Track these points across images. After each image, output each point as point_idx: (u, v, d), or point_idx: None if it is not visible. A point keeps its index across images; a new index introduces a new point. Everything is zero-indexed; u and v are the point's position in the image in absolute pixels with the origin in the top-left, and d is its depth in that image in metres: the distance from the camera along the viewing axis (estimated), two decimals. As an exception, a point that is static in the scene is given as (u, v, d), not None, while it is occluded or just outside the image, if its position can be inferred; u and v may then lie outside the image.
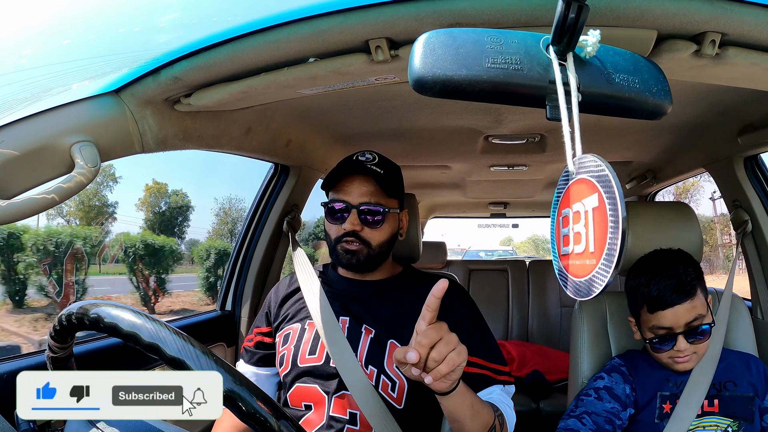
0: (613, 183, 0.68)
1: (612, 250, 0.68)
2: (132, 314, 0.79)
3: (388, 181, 1.54)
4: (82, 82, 1.16)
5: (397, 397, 1.44)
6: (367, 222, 1.53)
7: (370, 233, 1.54)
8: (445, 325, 1.07)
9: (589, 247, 0.73)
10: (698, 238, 1.84)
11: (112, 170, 27.82)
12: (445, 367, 1.03)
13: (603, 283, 0.70)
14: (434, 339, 1.03)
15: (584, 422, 1.56)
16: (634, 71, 0.81)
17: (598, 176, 0.71)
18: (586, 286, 0.74)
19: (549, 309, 4.25)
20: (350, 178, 1.55)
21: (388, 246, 1.59)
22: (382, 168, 1.55)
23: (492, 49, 0.74)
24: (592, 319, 1.87)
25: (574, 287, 0.77)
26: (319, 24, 1.00)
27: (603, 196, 0.70)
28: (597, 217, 0.71)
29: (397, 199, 1.60)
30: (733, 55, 1.02)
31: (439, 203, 5.26)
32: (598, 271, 0.71)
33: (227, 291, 2.38)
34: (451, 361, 1.04)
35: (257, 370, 1.69)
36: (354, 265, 1.55)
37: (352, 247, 1.53)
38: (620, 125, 2.08)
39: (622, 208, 0.66)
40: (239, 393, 0.74)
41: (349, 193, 1.53)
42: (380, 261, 1.59)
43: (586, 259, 0.74)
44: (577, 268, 0.77)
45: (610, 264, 0.68)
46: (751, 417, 1.57)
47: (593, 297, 0.71)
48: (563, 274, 0.82)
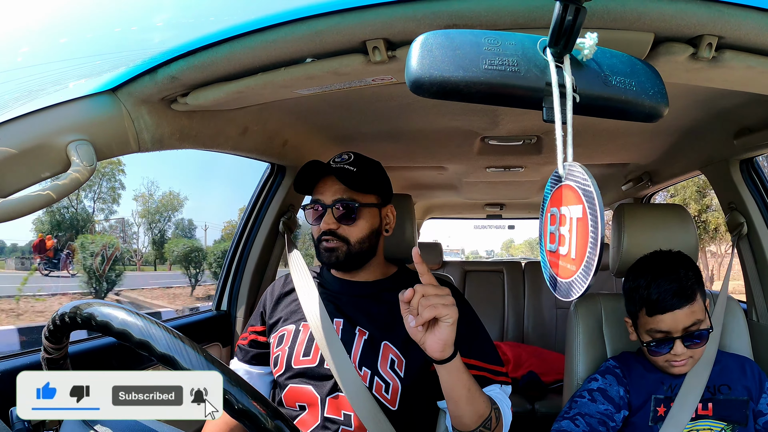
0: (595, 199, 0.69)
1: (590, 263, 0.70)
2: (124, 312, 0.80)
3: (361, 176, 1.55)
4: (79, 81, 1.15)
5: (391, 398, 1.45)
6: (342, 219, 1.54)
7: (347, 230, 1.55)
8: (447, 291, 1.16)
9: (571, 252, 0.75)
10: (694, 240, 1.84)
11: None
12: (428, 312, 1.12)
13: (580, 290, 0.72)
14: (429, 290, 1.14)
15: (577, 423, 1.57)
16: (631, 74, 0.81)
17: (583, 189, 0.72)
18: (566, 288, 0.76)
19: (544, 310, 4.26)
20: (323, 179, 1.58)
21: (369, 242, 1.59)
22: (356, 166, 1.56)
23: (489, 51, 0.74)
24: (587, 320, 1.87)
25: (556, 285, 0.80)
26: (316, 24, 1.00)
27: (587, 210, 0.71)
28: (580, 227, 0.73)
29: (376, 194, 1.61)
30: (730, 59, 1.02)
31: (436, 204, 5.26)
32: (577, 278, 0.73)
33: (223, 291, 2.38)
34: (436, 309, 1.13)
35: (250, 368, 1.69)
36: (335, 263, 1.56)
37: (331, 245, 1.54)
38: (617, 127, 2.08)
39: (601, 224, 0.68)
40: (230, 390, 0.74)
41: (322, 193, 1.56)
42: (364, 258, 1.59)
43: (568, 263, 0.76)
44: (560, 268, 0.78)
45: (588, 274, 0.70)
46: (745, 420, 1.57)
47: (570, 300, 0.74)
48: (547, 267, 0.84)
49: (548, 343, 4.11)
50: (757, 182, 2.03)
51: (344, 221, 1.54)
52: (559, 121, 0.73)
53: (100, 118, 1.14)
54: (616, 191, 3.50)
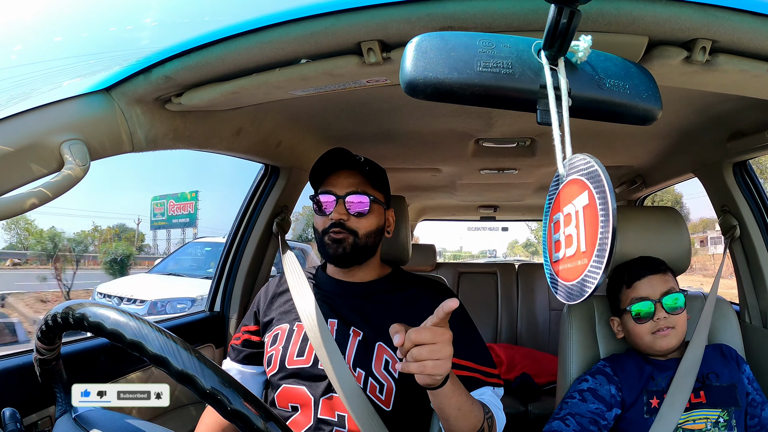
0: (602, 177, 0.67)
1: (603, 245, 0.67)
2: (116, 313, 0.80)
3: (374, 175, 1.59)
4: (73, 80, 1.15)
5: (385, 399, 1.44)
6: (354, 210, 1.55)
7: (357, 222, 1.56)
8: (447, 334, 1.09)
9: (580, 247, 0.73)
10: (686, 243, 1.85)
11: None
12: (415, 367, 1.07)
13: (595, 282, 0.69)
14: (423, 340, 1.06)
15: (568, 423, 1.58)
16: (625, 77, 0.81)
17: (588, 173, 0.71)
18: (578, 288, 0.73)
19: (538, 312, 4.26)
20: (337, 172, 1.59)
21: (375, 237, 1.60)
22: (368, 165, 1.60)
23: (484, 53, 0.75)
24: (580, 322, 1.87)
25: (566, 291, 0.77)
26: (311, 25, 1.00)
27: (593, 192, 0.69)
28: (588, 214, 0.71)
29: (383, 193, 1.64)
30: (723, 62, 1.03)
31: (430, 206, 5.26)
32: (590, 270, 0.70)
33: (216, 292, 2.37)
34: (424, 367, 1.06)
35: (243, 368, 1.69)
36: (341, 256, 1.56)
37: (339, 236, 1.54)
38: (610, 130, 2.09)
39: (612, 201, 0.66)
40: (222, 391, 0.74)
41: (335, 185, 1.57)
42: (367, 254, 1.60)
43: (577, 260, 0.73)
44: (568, 271, 0.76)
45: (602, 260, 0.67)
46: (737, 403, 1.61)
47: (585, 298, 0.71)
48: (554, 279, 0.81)
49: (541, 345, 4.12)
50: (750, 185, 2.04)
51: (355, 213, 1.55)
52: (555, 123, 0.73)
53: (94, 117, 1.13)
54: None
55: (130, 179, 60.49)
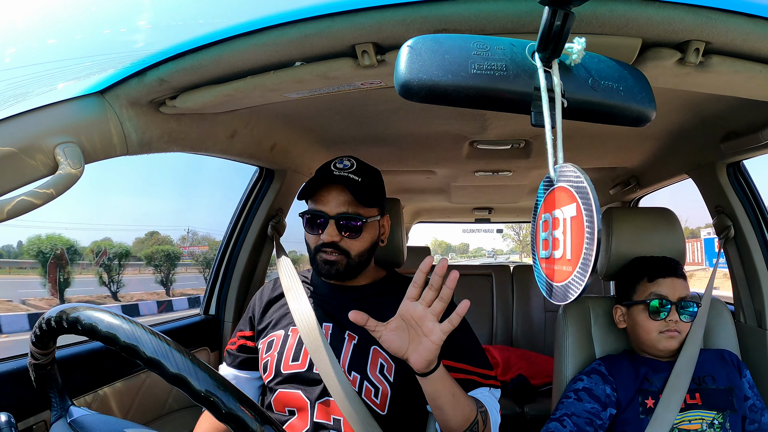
0: (590, 194, 0.68)
1: (587, 259, 0.68)
2: (110, 316, 0.79)
3: (367, 189, 1.54)
4: (67, 83, 1.15)
5: (380, 403, 1.44)
6: (346, 232, 1.53)
7: (349, 243, 1.54)
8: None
9: (566, 254, 0.74)
10: (681, 244, 1.86)
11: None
12: (439, 307, 1.18)
13: (578, 290, 0.71)
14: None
15: (564, 424, 1.59)
16: (619, 78, 0.81)
17: (576, 187, 0.71)
18: (562, 291, 0.74)
19: (533, 314, 4.26)
20: (328, 188, 1.54)
21: (368, 254, 1.59)
22: (361, 175, 1.54)
23: (478, 55, 0.75)
24: (576, 323, 1.88)
25: (552, 290, 0.78)
26: (305, 28, 1.00)
27: (581, 207, 0.70)
28: (574, 226, 0.72)
29: (377, 206, 1.60)
30: (717, 64, 1.03)
31: (424, 208, 5.26)
32: (573, 278, 0.71)
33: (211, 295, 2.37)
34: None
35: (239, 373, 1.68)
36: (334, 276, 1.55)
37: (332, 257, 1.53)
38: (605, 132, 2.10)
39: (598, 219, 0.66)
40: (216, 393, 0.74)
41: (326, 204, 1.53)
42: (361, 269, 1.60)
43: (563, 265, 0.74)
44: (554, 272, 0.77)
45: (585, 272, 0.69)
46: (733, 406, 1.62)
47: (569, 302, 0.72)
48: (541, 276, 0.82)
49: (537, 347, 4.11)
50: (744, 186, 2.05)
51: (347, 235, 1.53)
52: (548, 125, 0.73)
53: (88, 120, 1.13)
54: (604, 195, 3.51)
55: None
